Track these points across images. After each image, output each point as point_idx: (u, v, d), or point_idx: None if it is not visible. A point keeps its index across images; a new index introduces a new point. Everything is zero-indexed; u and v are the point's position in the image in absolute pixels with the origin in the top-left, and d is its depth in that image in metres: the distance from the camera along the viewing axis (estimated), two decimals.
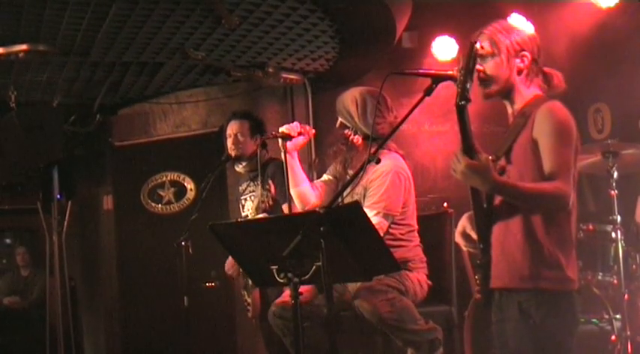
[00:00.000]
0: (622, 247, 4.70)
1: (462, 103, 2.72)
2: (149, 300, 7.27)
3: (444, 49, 6.69)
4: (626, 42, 5.82)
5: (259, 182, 4.96)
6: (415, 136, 6.91)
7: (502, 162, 2.93)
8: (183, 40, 5.98)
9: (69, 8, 5.10)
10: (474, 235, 2.99)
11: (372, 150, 3.08)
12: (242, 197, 5.26)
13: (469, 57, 2.72)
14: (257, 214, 4.90)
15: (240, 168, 5.23)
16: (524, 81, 3.00)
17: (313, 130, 4.21)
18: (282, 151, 4.10)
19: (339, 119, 4.23)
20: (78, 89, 7.14)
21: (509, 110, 3.07)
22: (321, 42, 6.23)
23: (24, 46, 5.54)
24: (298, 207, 4.20)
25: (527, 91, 3.01)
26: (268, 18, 5.60)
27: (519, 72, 2.98)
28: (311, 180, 4.43)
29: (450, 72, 3.03)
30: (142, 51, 6.17)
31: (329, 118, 4.33)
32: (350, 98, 4.18)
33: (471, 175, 2.74)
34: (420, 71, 3.09)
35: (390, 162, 4.05)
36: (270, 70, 6.74)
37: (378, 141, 3.77)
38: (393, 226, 4.04)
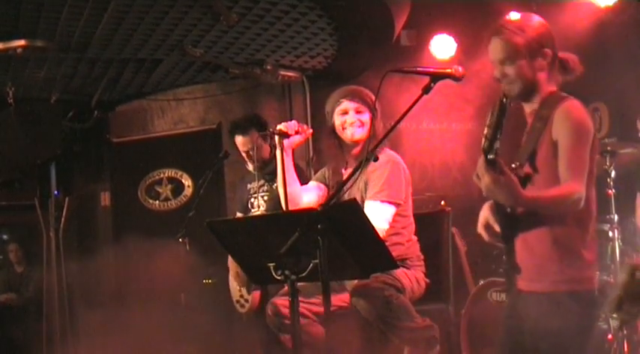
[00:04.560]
0: (619, 246, 4.70)
1: (491, 157, 2.61)
2: (146, 296, 7.27)
3: (443, 47, 6.68)
4: (625, 41, 5.82)
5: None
6: (413, 134, 6.91)
7: (527, 169, 2.88)
8: (182, 37, 5.98)
9: (67, 4, 5.10)
10: (497, 228, 2.95)
11: (370, 148, 3.09)
12: (253, 195, 5.24)
13: (498, 112, 2.63)
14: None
15: (252, 167, 5.19)
16: (547, 78, 2.94)
17: (311, 130, 4.19)
18: (278, 148, 4.09)
19: (369, 113, 4.07)
20: (76, 85, 7.13)
21: (527, 110, 3.00)
22: (320, 39, 6.24)
23: (22, 42, 5.53)
24: (285, 208, 4.19)
25: (546, 88, 2.94)
26: (267, 15, 5.60)
27: (542, 69, 2.92)
28: (305, 179, 4.41)
29: (448, 70, 3.02)
30: (140, 47, 6.17)
31: None
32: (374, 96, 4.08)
33: (496, 190, 2.65)
34: (419, 69, 3.08)
35: (387, 154, 4.05)
36: (269, 67, 6.74)
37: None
38: (395, 217, 4.02)
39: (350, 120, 4.11)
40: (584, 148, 2.81)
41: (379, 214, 3.86)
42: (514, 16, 5.41)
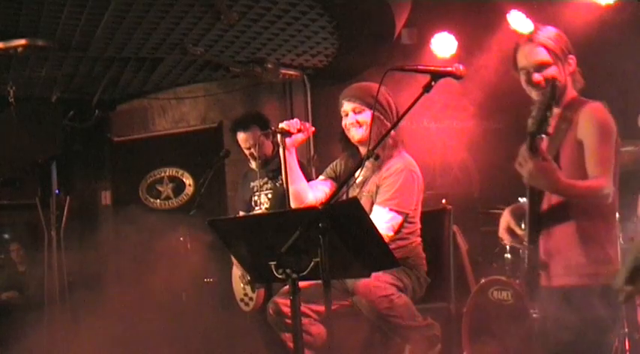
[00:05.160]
0: (620, 244, 4.70)
1: (540, 135, 2.76)
2: (147, 295, 7.27)
3: (443, 45, 6.68)
4: (626, 39, 5.83)
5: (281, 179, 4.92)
6: (413, 132, 6.91)
7: None
8: (183, 36, 5.98)
9: (68, 3, 5.10)
10: (519, 231, 3.05)
11: (371, 147, 3.09)
12: (256, 193, 5.23)
13: (550, 94, 2.76)
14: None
15: (255, 165, 5.18)
16: (571, 83, 3.07)
17: (313, 128, 4.17)
18: (281, 147, 4.08)
19: (369, 112, 4.01)
20: (77, 84, 7.14)
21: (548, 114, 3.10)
22: (321, 38, 6.24)
23: (23, 41, 5.54)
24: (293, 206, 4.17)
25: (570, 93, 3.07)
26: (267, 14, 5.59)
27: (568, 75, 3.05)
28: (307, 177, 4.40)
29: (449, 68, 3.03)
30: (140, 46, 6.17)
31: (328, 113, 4.30)
32: (384, 91, 4.03)
33: (539, 176, 2.78)
34: (420, 67, 3.08)
35: (403, 160, 4.04)
36: (269, 65, 6.74)
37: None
38: (404, 224, 4.02)
39: (349, 121, 4.09)
40: (609, 146, 2.96)
41: (385, 221, 3.85)
42: (513, 15, 5.37)
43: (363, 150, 4.11)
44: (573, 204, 2.95)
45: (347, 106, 4.10)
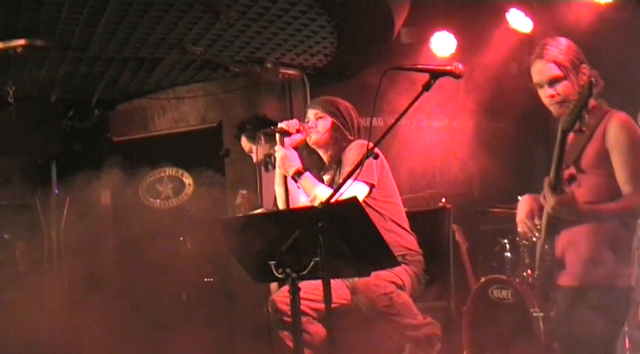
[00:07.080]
0: None
1: (573, 132, 2.86)
2: (148, 295, 7.28)
3: (443, 44, 6.68)
4: (625, 38, 5.83)
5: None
6: (413, 131, 6.92)
7: (571, 170, 3.04)
8: (182, 36, 5.97)
9: (67, 3, 5.10)
10: (538, 221, 3.13)
11: (370, 146, 3.11)
12: None
13: (587, 92, 2.82)
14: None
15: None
16: None
17: None
18: (279, 146, 4.10)
19: (330, 119, 4.20)
20: (76, 84, 7.13)
21: None
22: (320, 37, 6.23)
23: (22, 41, 5.53)
24: (281, 206, 4.22)
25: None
26: (267, 13, 5.59)
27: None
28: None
29: (448, 67, 3.04)
30: (140, 46, 6.17)
31: None
32: (349, 107, 4.26)
33: (561, 209, 2.90)
34: (419, 66, 3.10)
35: (358, 141, 4.14)
36: (269, 65, 6.74)
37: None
38: (376, 202, 4.04)
39: (309, 125, 4.23)
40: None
41: (350, 191, 3.87)
42: (513, 14, 5.39)
43: (327, 155, 4.27)
44: None
45: (310, 113, 4.28)
